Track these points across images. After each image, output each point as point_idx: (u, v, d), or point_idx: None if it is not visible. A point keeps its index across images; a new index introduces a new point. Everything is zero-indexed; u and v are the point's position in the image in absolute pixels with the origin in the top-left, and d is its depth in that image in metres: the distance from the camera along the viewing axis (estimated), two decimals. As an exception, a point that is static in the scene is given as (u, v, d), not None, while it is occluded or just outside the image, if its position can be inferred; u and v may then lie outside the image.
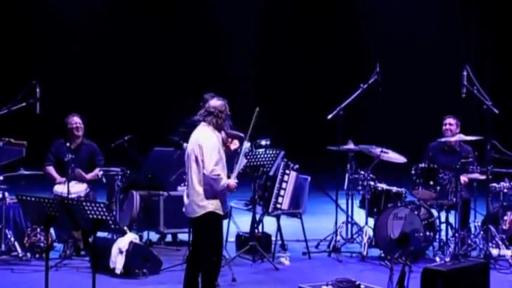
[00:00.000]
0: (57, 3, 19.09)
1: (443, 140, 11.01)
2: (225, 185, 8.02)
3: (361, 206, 11.14)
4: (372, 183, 10.98)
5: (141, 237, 10.99)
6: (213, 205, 8.04)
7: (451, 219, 10.69)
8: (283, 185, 10.67)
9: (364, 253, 10.63)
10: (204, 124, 8.17)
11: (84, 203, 7.42)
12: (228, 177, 8.22)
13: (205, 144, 8.00)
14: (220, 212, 8.10)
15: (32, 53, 18.57)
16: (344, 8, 19.86)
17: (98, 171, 10.88)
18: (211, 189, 8.02)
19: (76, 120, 11.10)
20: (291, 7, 19.84)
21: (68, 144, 10.67)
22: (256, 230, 10.71)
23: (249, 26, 19.84)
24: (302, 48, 19.91)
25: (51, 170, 11.04)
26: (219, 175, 7.97)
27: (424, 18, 19.05)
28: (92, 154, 11.13)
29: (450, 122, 11.14)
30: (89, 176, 10.91)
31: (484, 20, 19.05)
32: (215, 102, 8.20)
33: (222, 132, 8.37)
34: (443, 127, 11.15)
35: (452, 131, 11.05)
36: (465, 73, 10.35)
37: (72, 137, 11.02)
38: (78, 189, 10.65)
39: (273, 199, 10.65)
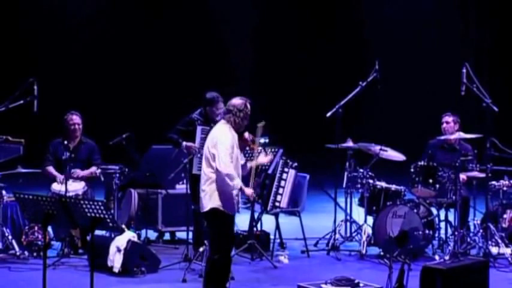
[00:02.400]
0: (57, 2, 19.06)
1: (442, 138, 10.98)
2: (237, 186, 8.00)
3: (360, 204, 11.12)
4: (371, 181, 10.96)
5: (139, 236, 10.97)
6: (217, 202, 8.01)
7: (451, 218, 10.68)
8: (282, 183, 10.63)
9: (363, 251, 10.61)
10: (223, 122, 8.20)
11: (82, 201, 7.42)
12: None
13: (220, 141, 8.02)
14: (227, 211, 8.04)
15: (30, 50, 18.52)
16: (344, 7, 19.83)
17: (94, 169, 10.82)
18: (220, 186, 8.00)
19: (75, 120, 10.99)
20: (290, 6, 19.82)
21: (66, 142, 10.61)
22: (254, 228, 10.69)
23: (248, 25, 19.80)
24: (301, 46, 19.88)
25: (51, 169, 10.98)
26: (231, 172, 7.95)
27: (424, 17, 19.02)
28: (90, 153, 11.07)
29: (447, 120, 11.10)
30: (82, 173, 10.84)
31: (484, 19, 19.03)
32: (236, 101, 8.21)
33: (249, 135, 8.29)
34: (441, 126, 11.13)
35: (450, 128, 11.01)
36: (464, 71, 10.32)
37: (71, 136, 10.95)
38: (76, 187, 10.62)
39: (272, 197, 10.61)
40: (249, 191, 8.23)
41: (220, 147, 7.96)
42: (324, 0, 19.98)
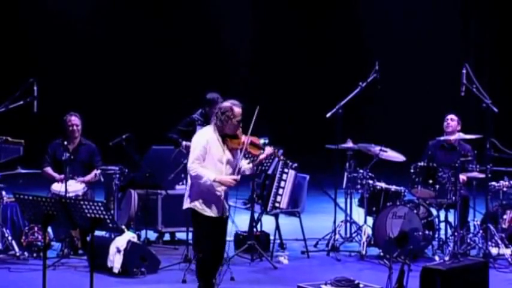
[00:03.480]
0: (57, 2, 19.06)
1: (442, 138, 10.99)
2: (207, 181, 7.96)
3: (360, 204, 11.12)
4: (370, 181, 10.96)
5: (139, 236, 10.96)
6: (193, 202, 8.06)
7: (450, 218, 10.68)
8: (282, 183, 10.64)
9: (363, 252, 10.61)
10: (211, 124, 8.23)
11: (82, 202, 7.42)
12: None
13: (193, 143, 8.12)
14: (203, 212, 8.05)
15: (30, 51, 18.52)
16: (344, 6, 19.83)
17: (95, 173, 10.81)
18: (196, 187, 8.06)
19: (73, 121, 10.98)
20: (290, 6, 19.82)
21: (65, 143, 10.61)
22: (254, 229, 10.69)
23: (247, 25, 19.81)
24: (301, 46, 19.88)
25: (49, 170, 10.98)
26: (196, 173, 7.96)
27: (424, 17, 19.02)
28: (91, 155, 11.07)
29: (452, 117, 11.12)
30: (86, 178, 10.84)
31: (484, 19, 19.03)
32: (223, 104, 8.23)
33: (247, 138, 8.22)
34: (444, 123, 11.13)
35: (453, 127, 11.03)
36: (464, 71, 10.32)
37: (70, 137, 10.96)
38: (76, 188, 10.61)
39: (272, 198, 10.62)
40: (224, 178, 8.04)
41: (191, 150, 8.06)
42: (323, 0, 19.98)
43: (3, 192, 10.46)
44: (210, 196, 8.06)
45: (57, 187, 10.58)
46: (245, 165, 8.32)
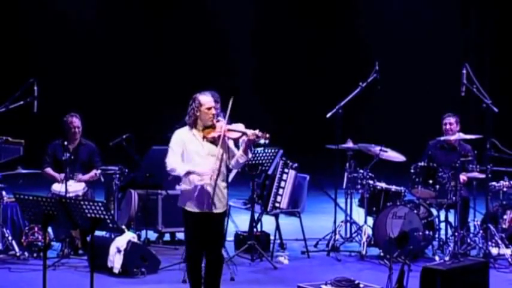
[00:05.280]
0: (57, 2, 19.06)
1: (442, 138, 10.98)
2: (181, 172, 7.98)
3: (360, 205, 11.12)
4: (371, 182, 10.96)
5: (139, 236, 10.96)
6: (180, 198, 8.12)
7: (451, 218, 10.68)
8: (282, 183, 10.64)
9: (363, 252, 10.61)
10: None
11: (82, 202, 7.42)
12: None
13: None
14: (184, 206, 8.06)
15: (30, 51, 18.53)
16: (344, 6, 19.83)
17: (95, 172, 10.81)
18: (182, 183, 8.12)
19: (75, 123, 10.97)
20: (290, 6, 19.82)
21: (65, 143, 10.61)
22: (254, 229, 10.68)
23: (248, 26, 19.80)
24: (301, 47, 19.88)
25: (49, 170, 10.99)
26: (170, 167, 8.06)
27: (424, 16, 19.02)
28: (91, 155, 11.06)
29: (450, 121, 11.08)
30: (85, 177, 10.85)
31: (484, 19, 19.03)
32: None
33: (224, 124, 8.14)
34: (444, 127, 11.11)
35: (453, 130, 11.01)
36: (464, 71, 10.32)
37: (70, 138, 10.96)
38: (76, 188, 10.61)
39: (272, 198, 10.62)
40: (200, 171, 7.96)
41: (169, 148, 8.14)
42: (323, 0, 19.98)
43: (4, 192, 10.46)
44: (190, 190, 8.03)
45: (57, 187, 10.58)
46: (237, 153, 8.14)
